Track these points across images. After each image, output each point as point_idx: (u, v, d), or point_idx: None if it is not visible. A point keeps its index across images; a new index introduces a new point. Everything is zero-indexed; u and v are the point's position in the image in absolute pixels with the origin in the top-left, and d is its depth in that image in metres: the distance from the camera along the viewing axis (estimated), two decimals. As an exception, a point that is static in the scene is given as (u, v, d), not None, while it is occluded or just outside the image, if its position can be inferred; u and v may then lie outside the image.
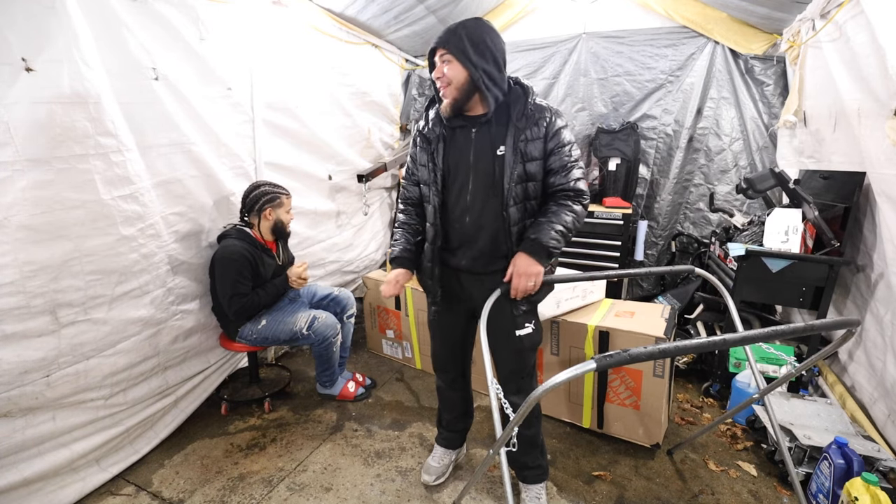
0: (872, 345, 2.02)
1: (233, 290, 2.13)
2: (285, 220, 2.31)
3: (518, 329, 1.66)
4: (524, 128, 1.55)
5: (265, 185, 2.27)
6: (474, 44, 1.52)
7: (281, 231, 2.32)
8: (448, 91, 1.56)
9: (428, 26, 3.44)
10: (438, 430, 2.04)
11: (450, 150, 1.63)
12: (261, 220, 2.27)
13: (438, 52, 1.56)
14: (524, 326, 1.67)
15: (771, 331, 1.07)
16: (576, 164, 1.60)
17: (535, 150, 1.56)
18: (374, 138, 3.60)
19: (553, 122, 1.57)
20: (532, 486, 1.80)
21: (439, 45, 1.55)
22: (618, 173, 3.28)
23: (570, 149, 1.59)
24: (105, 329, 1.80)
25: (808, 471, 1.84)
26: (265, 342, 2.29)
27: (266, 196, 2.24)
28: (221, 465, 2.05)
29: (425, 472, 1.97)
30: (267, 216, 2.26)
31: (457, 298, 1.76)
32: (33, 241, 1.54)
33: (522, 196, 1.58)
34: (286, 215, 2.31)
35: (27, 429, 1.63)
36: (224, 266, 2.13)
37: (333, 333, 2.33)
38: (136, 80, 1.85)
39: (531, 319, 1.69)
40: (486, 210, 1.60)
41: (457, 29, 1.54)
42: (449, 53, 1.53)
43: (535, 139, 1.56)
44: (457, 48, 1.52)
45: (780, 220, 2.34)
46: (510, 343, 1.67)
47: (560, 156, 1.58)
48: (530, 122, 1.56)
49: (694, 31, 3.14)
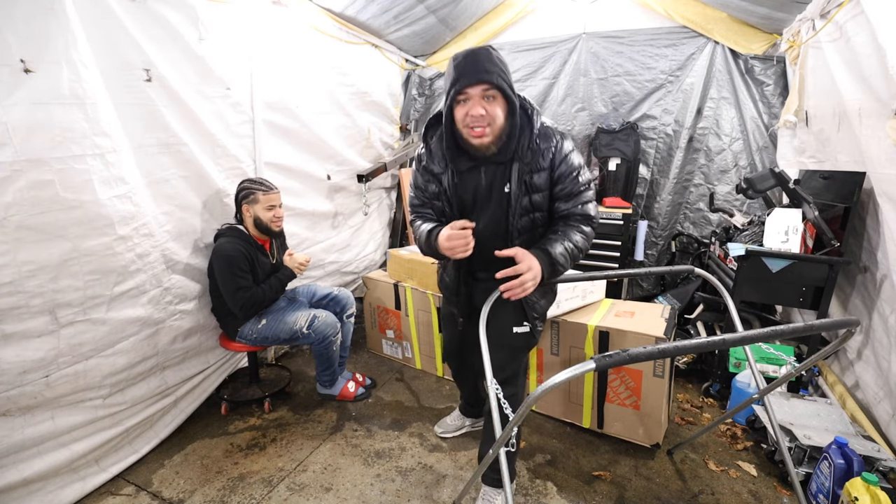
0: (879, 344, 2.01)
1: (235, 286, 2.13)
2: (263, 217, 2.22)
3: (517, 326, 1.66)
4: (529, 161, 1.48)
5: (245, 182, 2.25)
6: (508, 74, 1.40)
7: (265, 228, 2.25)
8: (488, 132, 1.41)
9: (428, 26, 3.44)
10: (460, 399, 2.26)
11: (460, 188, 1.57)
12: (243, 217, 2.26)
13: (478, 87, 1.37)
14: (522, 324, 1.66)
15: (771, 331, 1.07)
16: (585, 190, 1.54)
17: (540, 181, 1.51)
18: (374, 138, 3.60)
19: (559, 150, 1.50)
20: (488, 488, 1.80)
21: (480, 80, 1.35)
22: (618, 173, 3.28)
23: (578, 174, 1.53)
24: (104, 329, 1.80)
25: (808, 471, 1.84)
26: (265, 342, 2.29)
27: (241, 192, 2.22)
28: (221, 465, 2.05)
29: (439, 425, 2.25)
30: (246, 212, 2.24)
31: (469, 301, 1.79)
32: (32, 241, 1.54)
33: (529, 227, 1.57)
34: (264, 212, 2.22)
35: (26, 428, 1.63)
36: (221, 264, 2.13)
37: (333, 332, 2.33)
38: (131, 80, 1.84)
39: (531, 319, 1.69)
40: (493, 243, 1.54)
41: (491, 56, 1.37)
42: (494, 88, 1.37)
43: (540, 170, 1.50)
44: (502, 79, 1.36)
45: (780, 220, 2.34)
46: (505, 338, 1.66)
47: (566, 183, 1.52)
48: (536, 154, 1.49)
49: (694, 31, 3.14)
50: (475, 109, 1.38)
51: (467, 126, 1.42)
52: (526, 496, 1.88)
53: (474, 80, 1.36)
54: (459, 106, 1.42)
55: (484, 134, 1.41)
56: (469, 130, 1.43)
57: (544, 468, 2.04)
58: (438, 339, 2.72)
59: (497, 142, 1.45)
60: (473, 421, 2.26)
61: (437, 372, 2.81)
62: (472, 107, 1.38)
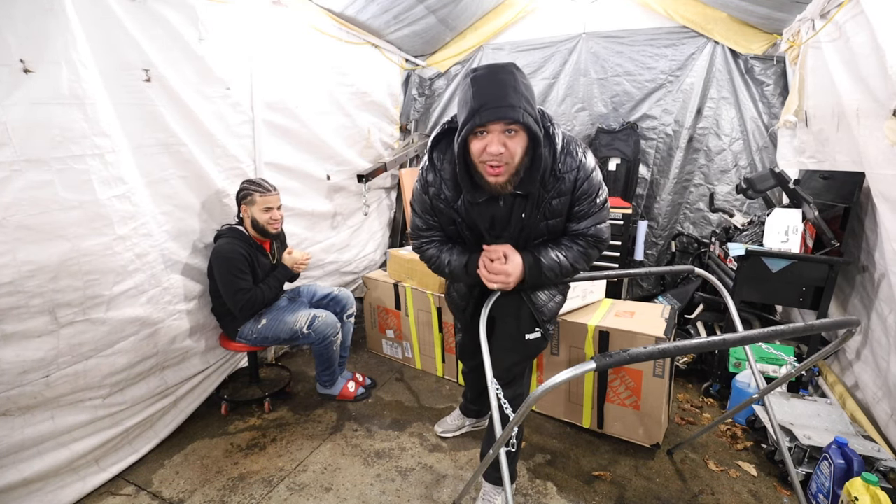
0: (878, 344, 2.02)
1: (234, 287, 2.13)
2: (259, 219, 2.21)
3: (528, 333, 1.65)
4: (551, 188, 1.40)
5: (245, 182, 2.25)
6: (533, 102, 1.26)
7: (262, 229, 2.23)
8: (504, 170, 1.29)
9: (428, 26, 3.44)
10: (462, 400, 2.27)
11: (476, 216, 1.48)
12: (243, 218, 2.27)
13: (500, 123, 1.23)
14: (534, 331, 1.66)
15: (771, 331, 1.07)
16: (601, 210, 1.48)
17: (560, 206, 1.45)
18: (374, 138, 3.60)
19: (582, 168, 1.40)
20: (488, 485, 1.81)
21: (503, 118, 1.20)
22: (618, 173, 3.28)
23: (597, 195, 1.45)
24: (104, 329, 1.80)
25: (808, 471, 1.84)
26: (265, 342, 2.29)
27: (240, 193, 2.23)
28: (221, 465, 2.05)
29: (439, 425, 2.27)
30: (244, 213, 2.24)
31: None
32: (31, 241, 1.54)
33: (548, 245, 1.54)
34: (261, 213, 2.20)
35: (26, 428, 1.63)
36: (221, 265, 2.13)
37: (333, 332, 2.33)
38: (130, 80, 1.84)
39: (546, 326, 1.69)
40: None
41: (517, 84, 1.22)
42: (518, 123, 1.22)
43: (561, 195, 1.42)
44: (528, 114, 1.22)
45: (780, 220, 2.34)
46: (519, 345, 1.66)
47: (584, 204, 1.46)
48: (558, 182, 1.40)
49: (694, 31, 3.14)
50: (493, 146, 1.24)
51: (483, 162, 1.30)
52: (526, 496, 1.88)
53: (495, 117, 1.21)
54: (477, 139, 1.28)
55: (500, 173, 1.29)
56: (485, 167, 1.31)
57: (544, 468, 2.04)
58: (438, 339, 2.72)
59: (514, 179, 1.33)
60: (474, 421, 2.26)
61: (437, 372, 2.81)
62: (491, 143, 1.25)
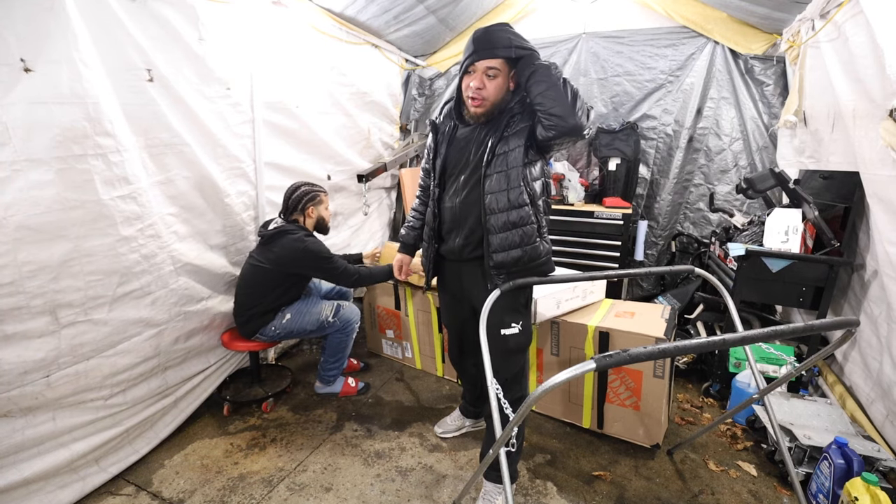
0: (867, 345, 2.02)
1: (338, 270, 2.27)
2: (325, 217, 2.43)
3: (504, 328, 1.67)
4: (518, 112, 1.59)
5: (305, 185, 2.36)
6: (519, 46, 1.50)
7: (325, 227, 2.45)
8: (482, 104, 1.58)
9: (428, 26, 3.44)
10: (462, 401, 2.29)
11: (452, 145, 1.71)
12: (305, 219, 2.36)
13: (483, 63, 1.53)
14: (510, 326, 1.67)
15: (771, 331, 1.07)
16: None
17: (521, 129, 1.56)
18: (374, 138, 3.60)
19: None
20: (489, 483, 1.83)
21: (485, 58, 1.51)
22: (618, 173, 3.28)
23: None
24: (105, 330, 1.80)
25: (808, 471, 1.84)
26: (290, 335, 2.38)
27: (308, 195, 2.34)
28: (221, 465, 2.05)
29: (439, 425, 2.28)
30: (310, 214, 2.36)
31: (457, 290, 1.86)
32: (32, 242, 1.54)
33: (504, 185, 1.56)
34: (326, 212, 2.43)
35: (27, 429, 1.63)
36: (315, 258, 2.24)
37: (357, 318, 2.48)
38: (133, 80, 1.84)
39: (519, 320, 1.69)
40: (470, 197, 1.66)
41: (503, 34, 1.51)
42: (496, 67, 1.52)
43: (525, 122, 1.57)
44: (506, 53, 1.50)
45: (780, 220, 2.34)
46: (495, 342, 1.66)
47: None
48: (526, 108, 1.58)
49: (694, 31, 3.14)
50: (475, 82, 1.56)
51: (468, 97, 1.60)
52: (526, 496, 1.88)
53: (479, 58, 1.52)
54: (467, 76, 1.59)
55: (479, 105, 1.58)
56: (468, 99, 1.61)
57: (544, 468, 2.04)
58: (438, 339, 2.72)
59: (488, 115, 1.62)
60: (474, 421, 2.27)
61: (437, 372, 2.81)
62: (473, 80, 1.56)
